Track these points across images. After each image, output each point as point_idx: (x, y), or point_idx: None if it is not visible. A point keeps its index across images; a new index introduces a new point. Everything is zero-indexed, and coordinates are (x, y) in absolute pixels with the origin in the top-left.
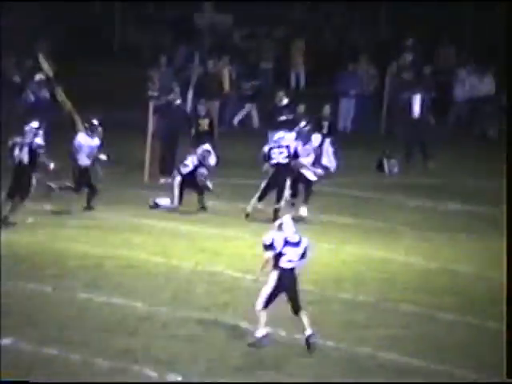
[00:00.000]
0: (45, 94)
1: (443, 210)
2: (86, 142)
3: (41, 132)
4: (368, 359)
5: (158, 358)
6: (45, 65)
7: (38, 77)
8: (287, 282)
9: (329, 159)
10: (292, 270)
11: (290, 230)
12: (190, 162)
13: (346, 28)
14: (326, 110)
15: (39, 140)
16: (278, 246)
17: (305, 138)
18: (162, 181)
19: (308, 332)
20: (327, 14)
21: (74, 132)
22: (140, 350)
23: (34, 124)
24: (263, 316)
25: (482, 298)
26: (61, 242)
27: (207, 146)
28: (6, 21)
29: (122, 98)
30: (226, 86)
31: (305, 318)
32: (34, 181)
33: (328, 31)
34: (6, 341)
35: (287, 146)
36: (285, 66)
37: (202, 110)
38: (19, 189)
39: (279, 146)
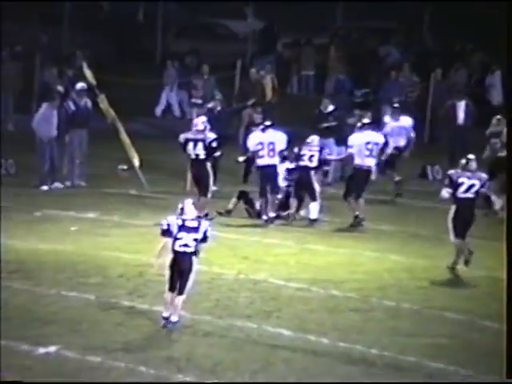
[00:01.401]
0: (86, 102)
1: (487, 218)
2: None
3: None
4: (413, 368)
5: (201, 366)
6: (88, 73)
7: (80, 85)
8: (182, 266)
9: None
10: (187, 253)
11: (190, 214)
12: None
13: (388, 35)
14: (368, 117)
15: (212, 135)
16: (174, 230)
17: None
18: (214, 188)
19: (174, 319)
20: (368, 22)
21: (117, 140)
22: (183, 359)
23: (202, 119)
24: (169, 297)
25: None
26: (104, 251)
27: None
28: (47, 31)
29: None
30: (269, 93)
31: (179, 303)
32: (211, 174)
33: (371, 39)
34: (51, 348)
35: (320, 150)
36: (325, 73)
37: (257, 118)
38: (200, 182)
39: (311, 150)
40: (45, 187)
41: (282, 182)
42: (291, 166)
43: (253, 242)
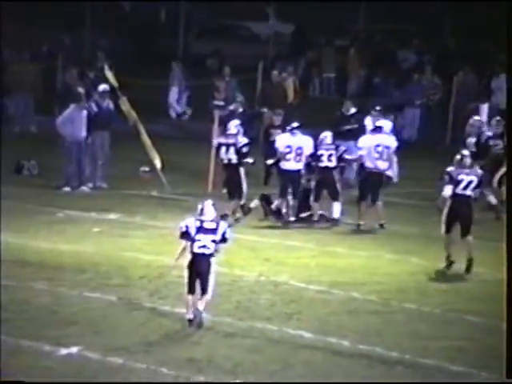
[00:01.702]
0: (108, 104)
1: (498, 220)
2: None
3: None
4: (434, 371)
5: (222, 367)
6: (110, 75)
7: (102, 87)
8: (200, 268)
9: (392, 169)
10: (206, 255)
11: (209, 215)
12: None
13: (410, 38)
14: (390, 119)
15: (243, 139)
16: (192, 232)
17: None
18: (225, 190)
19: (201, 307)
20: (389, 24)
21: (139, 141)
22: (204, 360)
23: (235, 122)
24: (190, 300)
25: None
26: (125, 252)
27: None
28: (69, 33)
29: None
30: (291, 95)
31: (203, 302)
32: (244, 178)
33: (392, 41)
34: (73, 349)
35: (336, 148)
36: (346, 75)
37: (276, 120)
38: (233, 187)
39: (327, 149)
40: (67, 188)
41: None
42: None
43: (273, 244)
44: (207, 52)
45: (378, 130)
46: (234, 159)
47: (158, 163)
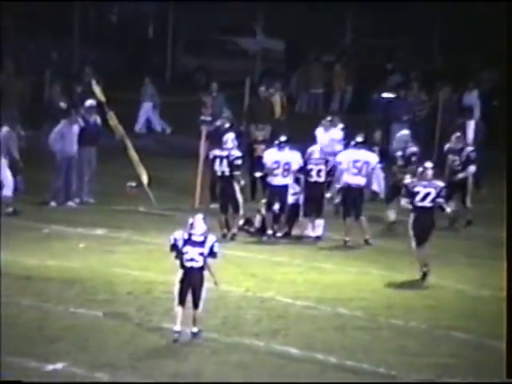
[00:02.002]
0: (95, 119)
1: (495, 237)
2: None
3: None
4: None
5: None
6: (97, 89)
7: (89, 102)
8: (190, 280)
9: (378, 185)
10: (195, 268)
11: (199, 229)
12: None
13: (396, 53)
14: (377, 135)
15: (236, 152)
16: (179, 244)
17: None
18: (213, 206)
19: (194, 329)
20: (377, 39)
21: (126, 157)
22: (190, 376)
23: (231, 136)
24: (179, 312)
25: None
26: (112, 268)
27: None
28: (56, 47)
29: (175, 123)
30: (278, 111)
31: (196, 317)
32: (238, 190)
33: (378, 56)
34: (58, 365)
35: (326, 162)
36: (330, 91)
37: (259, 135)
38: (227, 200)
39: (317, 164)
40: (53, 204)
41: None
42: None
43: (260, 259)
44: (194, 67)
45: (359, 145)
46: (227, 172)
47: (144, 178)
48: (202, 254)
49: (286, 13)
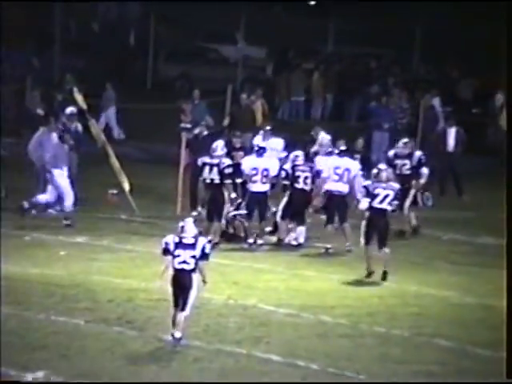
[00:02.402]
0: (76, 127)
1: (478, 244)
2: None
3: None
4: None
5: None
6: (79, 97)
7: (70, 110)
8: (181, 283)
9: (359, 192)
10: (186, 271)
11: (189, 232)
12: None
13: (378, 61)
14: (359, 143)
15: (227, 160)
16: (171, 247)
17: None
18: (195, 213)
19: (177, 335)
20: (359, 47)
21: (107, 164)
22: None
23: (220, 144)
24: (175, 314)
25: None
26: (93, 275)
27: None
28: (38, 55)
29: (156, 131)
30: (259, 118)
31: (181, 320)
32: (226, 199)
33: (360, 63)
34: (39, 374)
35: (310, 169)
36: (311, 99)
37: (237, 142)
38: (214, 208)
39: (303, 171)
40: (34, 211)
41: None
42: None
43: (243, 267)
44: (176, 74)
45: (342, 153)
46: (217, 179)
47: (126, 186)
48: (193, 256)
49: (267, 20)
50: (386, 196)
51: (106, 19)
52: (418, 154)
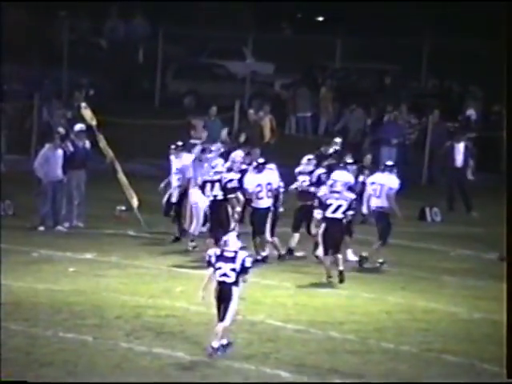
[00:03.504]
0: (84, 143)
1: (486, 260)
2: None
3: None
4: None
5: None
6: (87, 113)
7: (78, 127)
8: (222, 295)
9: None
10: (226, 283)
11: (232, 246)
12: None
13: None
14: (368, 159)
15: (229, 175)
16: (213, 260)
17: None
18: (204, 229)
19: (224, 341)
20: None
21: (115, 180)
22: None
23: (221, 161)
24: (218, 328)
25: None
26: (101, 292)
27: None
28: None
29: (165, 147)
30: (267, 134)
31: (220, 329)
32: (230, 214)
33: (367, 79)
34: None
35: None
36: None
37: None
38: (219, 224)
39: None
40: (42, 228)
41: None
42: None
43: (250, 283)
44: (184, 91)
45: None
46: (220, 195)
47: (134, 202)
48: (233, 269)
49: (274, 36)
50: (339, 206)
51: (114, 36)
52: (318, 171)
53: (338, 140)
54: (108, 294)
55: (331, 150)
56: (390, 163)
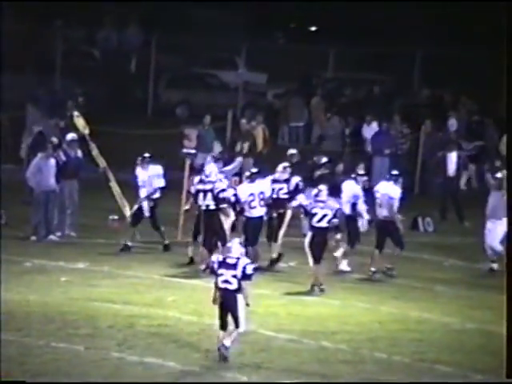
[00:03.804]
0: (77, 153)
1: (479, 270)
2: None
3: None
4: None
5: None
6: (80, 122)
7: (70, 136)
8: (226, 303)
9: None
10: (229, 290)
11: (235, 252)
12: None
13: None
14: (360, 168)
15: (221, 185)
16: (215, 266)
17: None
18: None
19: (227, 343)
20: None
21: (108, 189)
22: None
23: (214, 169)
24: (221, 335)
25: None
26: (94, 301)
27: None
28: (40, 81)
29: (158, 156)
30: (260, 144)
31: (234, 335)
32: (224, 224)
33: (360, 89)
34: None
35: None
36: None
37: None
38: (213, 234)
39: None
40: (34, 238)
41: None
42: None
43: None
44: (176, 100)
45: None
46: (212, 205)
47: (127, 211)
48: (235, 276)
49: (267, 45)
50: (325, 215)
51: (107, 46)
52: (295, 179)
53: (293, 151)
54: (100, 304)
55: (324, 160)
56: (395, 172)
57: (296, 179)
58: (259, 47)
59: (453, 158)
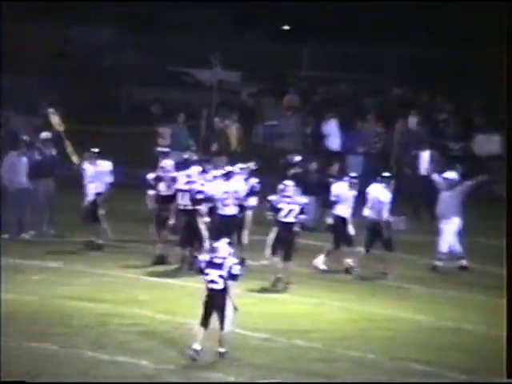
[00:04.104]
0: (51, 151)
1: (453, 268)
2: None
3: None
4: None
5: None
6: (55, 119)
7: (44, 134)
8: (213, 302)
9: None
10: (215, 290)
11: (222, 252)
12: None
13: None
14: (335, 167)
15: (197, 186)
16: (202, 265)
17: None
18: (170, 238)
19: (221, 350)
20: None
21: (81, 187)
22: None
23: (198, 169)
24: (200, 332)
25: (490, 357)
26: (67, 300)
27: None
28: (14, 80)
29: (132, 155)
30: (233, 143)
31: (223, 337)
32: (201, 224)
33: (334, 88)
34: None
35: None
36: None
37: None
38: (188, 234)
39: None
40: (6, 236)
41: None
42: None
43: None
44: (151, 99)
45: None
46: (189, 206)
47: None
48: (221, 276)
49: (241, 44)
50: (291, 210)
51: (80, 44)
52: (252, 181)
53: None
54: (74, 303)
55: (296, 159)
56: (386, 174)
57: (253, 180)
58: (234, 46)
59: (425, 156)
